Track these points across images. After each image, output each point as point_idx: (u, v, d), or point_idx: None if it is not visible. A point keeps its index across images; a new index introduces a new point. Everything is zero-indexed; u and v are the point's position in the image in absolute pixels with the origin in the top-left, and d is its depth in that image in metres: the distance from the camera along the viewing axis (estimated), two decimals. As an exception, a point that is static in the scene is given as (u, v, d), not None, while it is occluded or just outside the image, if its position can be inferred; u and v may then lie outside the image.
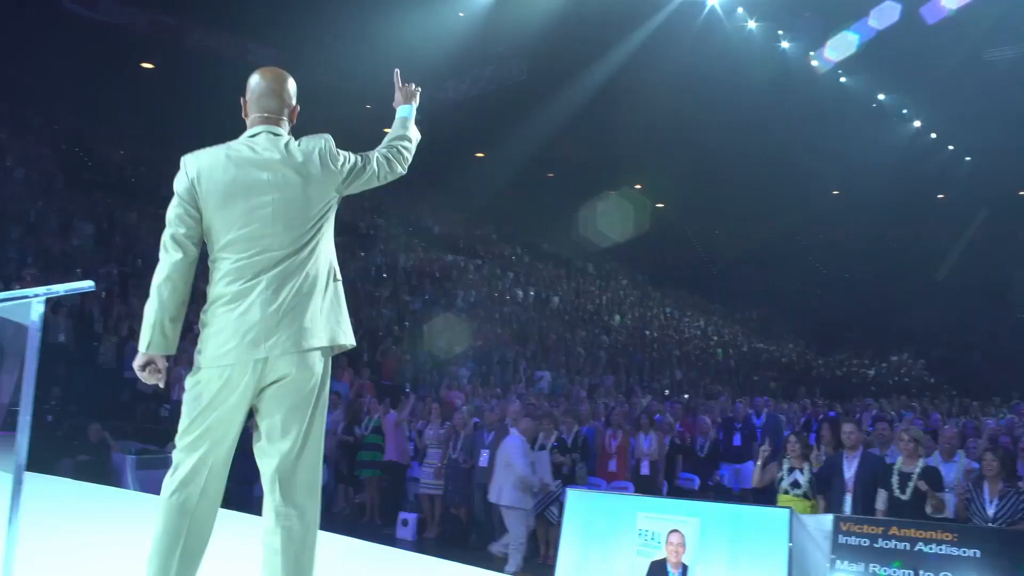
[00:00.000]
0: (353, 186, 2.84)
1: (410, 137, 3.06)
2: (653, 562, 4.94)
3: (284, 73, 2.92)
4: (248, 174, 2.69)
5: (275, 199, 2.67)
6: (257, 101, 2.85)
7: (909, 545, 4.56)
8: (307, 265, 2.69)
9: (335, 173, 2.76)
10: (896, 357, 30.24)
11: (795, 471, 6.78)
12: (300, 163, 2.73)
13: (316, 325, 2.67)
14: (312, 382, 2.68)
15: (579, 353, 20.83)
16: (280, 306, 2.63)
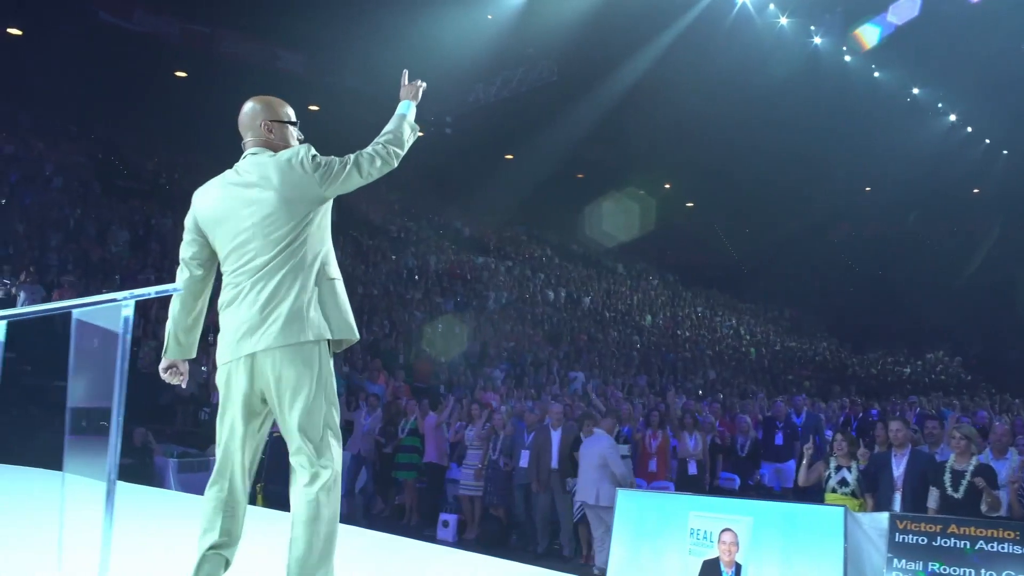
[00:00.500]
0: (334, 187, 2.95)
1: (399, 133, 3.14)
2: (706, 561, 4.91)
3: (254, 100, 3.11)
4: (231, 194, 2.97)
5: (253, 211, 2.91)
6: (241, 131, 3.13)
7: (969, 544, 4.49)
8: (289, 266, 2.89)
9: (309, 178, 2.91)
10: (931, 355, 29.85)
11: (843, 469, 6.72)
12: (275, 175, 2.92)
13: (298, 321, 2.84)
14: (303, 376, 2.84)
15: (612, 353, 20.77)
16: (263, 305, 2.86)
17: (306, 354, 2.86)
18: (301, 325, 2.85)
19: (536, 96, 23.87)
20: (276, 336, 2.84)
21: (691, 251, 35.19)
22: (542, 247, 31.00)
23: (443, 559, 4.80)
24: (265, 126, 3.05)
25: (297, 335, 2.84)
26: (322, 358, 2.89)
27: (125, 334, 2.20)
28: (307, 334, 2.85)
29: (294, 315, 2.85)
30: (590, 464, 8.20)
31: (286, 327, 2.84)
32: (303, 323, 2.85)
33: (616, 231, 31.97)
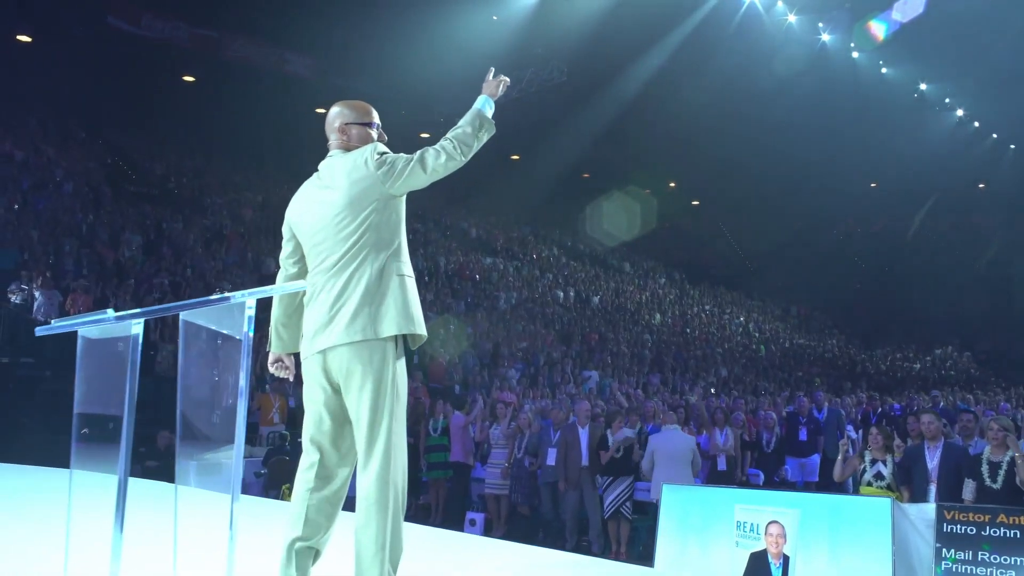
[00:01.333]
0: (398, 184, 2.99)
1: (469, 129, 3.13)
2: (753, 554, 4.95)
3: (337, 103, 3.20)
4: (311, 196, 3.10)
5: (325, 212, 3.00)
6: (326, 134, 3.20)
7: (1019, 533, 4.53)
8: (356, 263, 2.95)
9: (372, 176, 2.96)
10: (940, 350, 29.87)
11: (877, 463, 6.73)
12: (342, 175, 3.01)
13: (361, 318, 2.90)
14: (367, 372, 2.89)
15: (623, 352, 20.82)
16: (332, 303, 2.93)
17: (370, 350, 2.90)
18: (364, 322, 2.90)
19: (545, 96, 23.90)
20: (341, 334, 2.90)
21: (697, 249, 35.23)
22: (549, 247, 31.05)
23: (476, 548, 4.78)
24: (342, 129, 3.12)
25: (360, 332, 2.89)
26: (387, 354, 2.92)
27: (247, 338, 2.17)
28: (369, 331, 2.89)
29: (358, 312, 2.90)
30: (664, 461, 8.27)
31: (350, 324, 2.89)
32: (366, 320, 2.90)
33: (622, 231, 31.98)
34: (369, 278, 2.93)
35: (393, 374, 2.94)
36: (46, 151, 22.13)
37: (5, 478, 6.55)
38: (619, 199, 31.68)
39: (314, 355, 2.97)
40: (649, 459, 8.47)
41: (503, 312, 21.64)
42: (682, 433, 8.64)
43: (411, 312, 2.98)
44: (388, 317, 2.92)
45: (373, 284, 2.93)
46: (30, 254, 15.83)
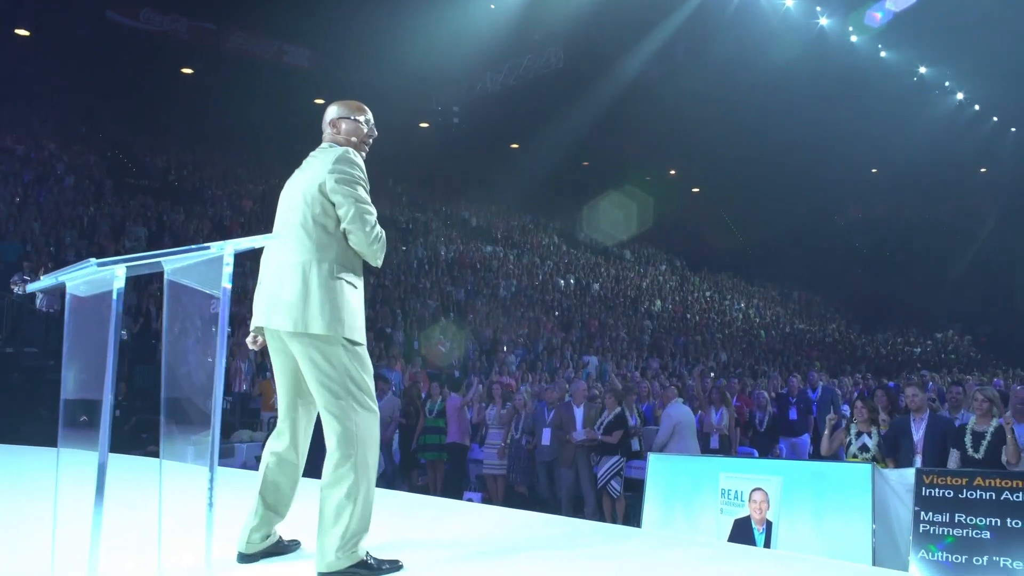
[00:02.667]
0: (336, 199, 3.05)
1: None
2: (737, 520, 5.05)
3: (332, 103, 3.35)
4: (292, 179, 3.24)
5: (291, 195, 3.15)
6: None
7: (995, 495, 4.62)
8: (301, 254, 3.02)
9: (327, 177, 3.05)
10: (941, 334, 29.91)
11: (863, 435, 6.82)
12: (315, 167, 3.13)
13: (297, 311, 2.96)
14: (314, 362, 2.98)
15: (622, 338, 20.92)
16: (278, 286, 3.02)
17: (310, 340, 2.99)
18: (297, 315, 2.97)
19: (543, 83, 23.96)
20: (281, 320, 3.00)
21: (698, 237, 35.26)
22: (549, 235, 31.13)
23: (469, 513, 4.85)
24: (333, 123, 3.28)
25: (292, 324, 2.98)
26: (329, 344, 2.98)
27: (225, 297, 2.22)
28: (300, 324, 2.97)
29: (294, 303, 2.98)
30: (677, 436, 8.52)
31: (287, 313, 2.98)
32: (298, 313, 2.97)
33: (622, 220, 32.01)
34: (308, 271, 2.99)
35: (341, 361, 2.99)
36: (47, 145, 22.25)
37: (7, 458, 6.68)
38: (620, 187, 31.67)
39: (269, 328, 3.10)
40: (668, 432, 8.62)
41: (503, 300, 21.74)
42: (687, 407, 8.81)
43: (343, 316, 3.00)
44: (321, 315, 2.96)
45: (310, 278, 2.98)
46: (32, 246, 15.96)
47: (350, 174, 3.05)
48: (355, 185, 3.05)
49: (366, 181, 3.11)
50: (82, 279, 2.25)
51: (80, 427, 2.39)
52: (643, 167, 32.57)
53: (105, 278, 2.15)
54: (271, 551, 3.17)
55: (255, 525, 3.13)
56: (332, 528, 2.91)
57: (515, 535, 3.90)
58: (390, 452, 11.55)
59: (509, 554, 3.50)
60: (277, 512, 3.17)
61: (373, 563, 2.96)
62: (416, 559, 3.22)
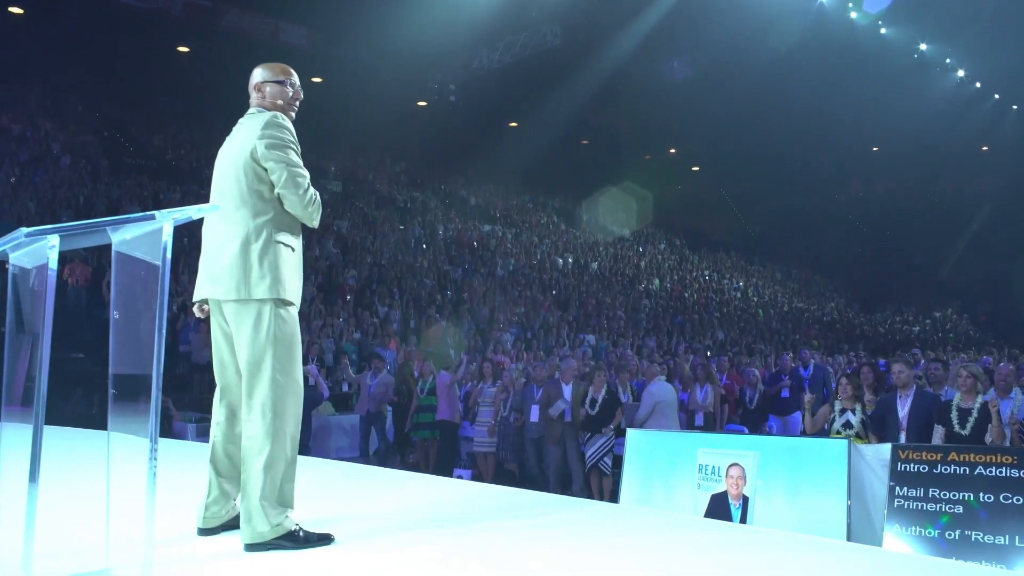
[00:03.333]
0: (269, 165, 3.06)
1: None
2: (714, 495, 5.06)
3: (256, 67, 3.30)
4: (224, 147, 3.23)
5: (223, 163, 3.16)
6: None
7: (968, 470, 4.62)
8: (235, 221, 3.02)
9: (257, 143, 3.05)
10: (940, 313, 29.88)
11: (847, 412, 6.81)
12: (245, 132, 3.12)
13: (237, 277, 2.97)
14: (246, 330, 2.99)
15: (619, 317, 20.92)
16: (215, 254, 3.04)
17: (247, 308, 3.01)
18: (238, 281, 2.99)
19: (540, 61, 23.73)
20: (220, 288, 3.02)
21: (697, 215, 35.16)
22: (548, 214, 31.07)
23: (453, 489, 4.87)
24: (258, 87, 3.25)
25: (235, 291, 2.99)
26: (263, 312, 3.00)
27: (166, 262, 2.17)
28: (243, 291, 2.99)
29: (232, 269, 2.99)
30: (669, 407, 8.67)
31: (227, 280, 3.00)
32: (240, 279, 2.99)
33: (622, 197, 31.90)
34: (245, 237, 3.00)
35: (272, 329, 3.00)
36: (43, 125, 22.18)
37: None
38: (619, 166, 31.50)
39: (212, 299, 3.11)
40: (649, 409, 8.64)
41: (501, 279, 21.73)
42: (670, 385, 8.83)
43: (282, 277, 3.02)
44: (261, 279, 2.98)
45: (249, 244, 2.99)
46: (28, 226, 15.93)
47: (279, 138, 3.05)
48: (285, 149, 3.06)
49: (296, 144, 3.11)
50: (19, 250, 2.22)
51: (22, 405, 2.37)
52: (642, 146, 32.39)
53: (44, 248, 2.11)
54: (231, 524, 3.16)
55: (212, 499, 3.14)
56: (254, 499, 2.90)
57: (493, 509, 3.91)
58: (383, 430, 11.60)
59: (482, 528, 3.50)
60: (232, 485, 3.16)
61: (302, 535, 2.94)
62: (352, 532, 3.23)
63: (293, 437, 3.02)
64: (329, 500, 3.83)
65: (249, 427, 2.97)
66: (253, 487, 2.92)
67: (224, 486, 3.15)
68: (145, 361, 2.38)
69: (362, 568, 2.81)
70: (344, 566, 2.82)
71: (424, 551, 3.01)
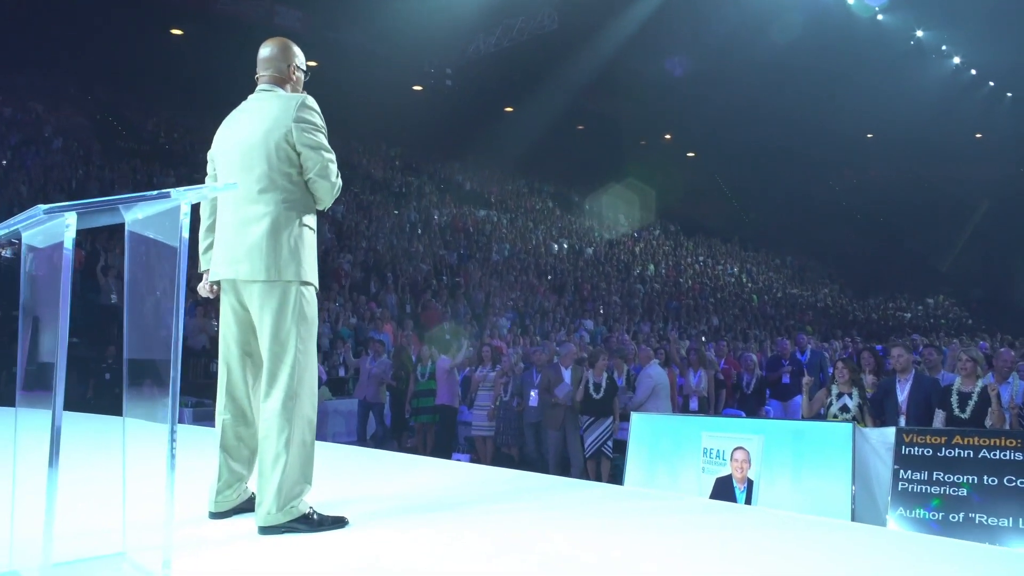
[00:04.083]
0: (302, 148, 3.01)
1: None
2: (719, 478, 5.07)
3: (275, 40, 3.25)
4: (234, 123, 3.15)
5: (241, 141, 3.06)
6: (259, 67, 3.23)
7: (972, 453, 4.64)
8: (262, 202, 2.98)
9: (291, 127, 3.00)
10: (933, 299, 30.00)
11: (844, 396, 6.81)
12: (268, 112, 3.05)
13: (267, 258, 2.94)
14: (272, 311, 2.95)
15: (615, 302, 20.94)
16: (238, 234, 2.99)
17: (273, 289, 2.97)
18: (268, 262, 2.95)
19: (536, 45, 23.64)
20: (246, 269, 2.97)
21: (693, 201, 35.15)
22: (543, 199, 31.03)
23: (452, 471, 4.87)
24: (292, 69, 3.22)
25: (264, 272, 2.95)
26: (288, 293, 2.97)
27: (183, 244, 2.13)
28: (273, 272, 2.95)
29: (261, 250, 2.96)
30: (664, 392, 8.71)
31: (255, 261, 2.96)
32: (270, 260, 2.95)
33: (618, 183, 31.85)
34: (275, 219, 2.97)
35: (298, 310, 2.98)
36: (35, 107, 22.01)
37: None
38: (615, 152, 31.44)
39: (227, 280, 3.06)
40: (647, 392, 8.67)
41: (496, 264, 21.71)
42: (663, 370, 8.86)
43: (306, 260, 3.02)
44: (291, 261, 2.96)
45: (279, 227, 2.97)
46: (20, 210, 15.82)
47: (315, 124, 3.05)
48: (319, 134, 3.05)
49: (326, 128, 3.10)
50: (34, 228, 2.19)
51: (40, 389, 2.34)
52: (638, 131, 32.36)
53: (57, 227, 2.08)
54: (243, 507, 3.15)
55: (223, 483, 3.12)
56: (270, 481, 2.87)
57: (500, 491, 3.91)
58: (381, 414, 11.60)
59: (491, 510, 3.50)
60: (243, 468, 3.15)
61: (316, 518, 2.93)
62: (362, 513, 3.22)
63: (310, 419, 3.00)
64: (334, 483, 3.82)
65: (268, 408, 2.94)
66: (269, 469, 2.89)
67: (236, 469, 3.13)
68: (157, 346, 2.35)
69: (375, 549, 2.80)
70: (357, 548, 2.82)
71: (432, 533, 3.01)
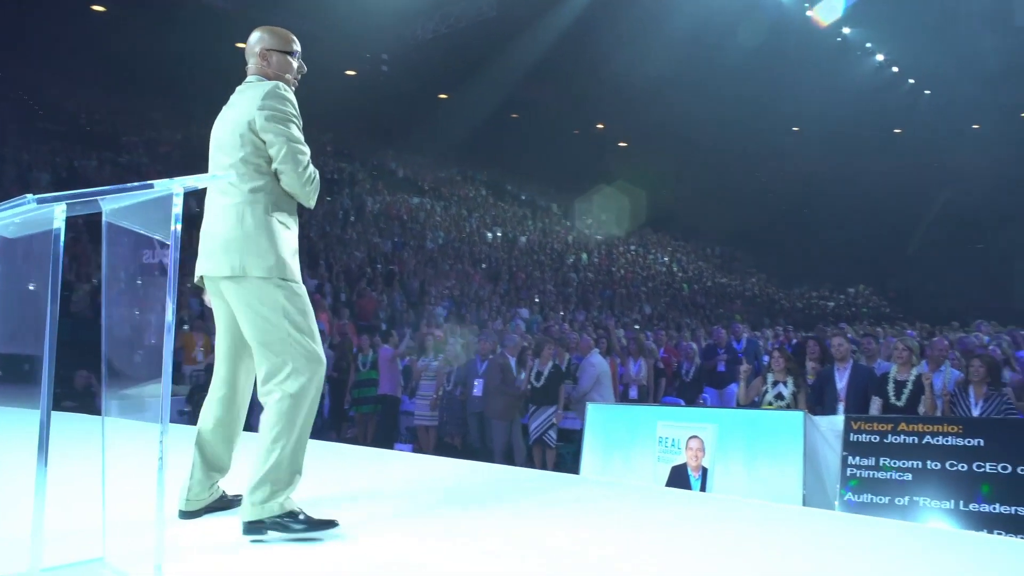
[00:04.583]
0: (267, 137, 2.89)
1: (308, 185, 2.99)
2: (674, 467, 5.16)
3: (260, 28, 3.11)
4: (222, 116, 3.04)
5: (221, 135, 2.97)
6: (246, 58, 3.12)
7: (917, 439, 4.82)
8: (233, 194, 2.87)
9: (258, 114, 2.87)
10: (854, 288, 31.03)
11: (779, 384, 7.00)
12: (246, 102, 2.92)
13: (234, 254, 2.82)
14: (251, 307, 2.85)
15: (550, 291, 21.08)
16: (211, 229, 2.90)
17: (247, 285, 2.86)
18: (235, 258, 2.84)
19: (474, 32, 23.49)
20: (216, 265, 2.88)
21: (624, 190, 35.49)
22: (476, 188, 31.00)
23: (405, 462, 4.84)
24: (262, 54, 3.05)
25: (229, 268, 2.85)
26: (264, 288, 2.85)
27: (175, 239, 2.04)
28: (237, 268, 2.84)
29: (229, 246, 2.85)
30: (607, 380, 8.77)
31: (223, 257, 2.85)
32: (237, 256, 2.84)
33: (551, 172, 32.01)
34: (239, 212, 2.85)
35: (272, 306, 2.84)
36: (-55, 84, 20.99)
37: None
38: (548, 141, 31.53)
39: (206, 277, 2.97)
40: (591, 381, 8.75)
41: (431, 252, 21.61)
42: (605, 359, 8.95)
43: (280, 256, 2.86)
44: (257, 257, 2.83)
45: (243, 219, 2.84)
46: (-69, 195, 15.09)
47: (281, 111, 2.89)
48: (287, 122, 2.89)
49: (298, 117, 2.95)
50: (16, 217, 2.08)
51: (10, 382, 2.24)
52: (571, 120, 32.51)
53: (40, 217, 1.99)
54: (213, 506, 3.07)
55: (195, 481, 3.03)
56: (258, 476, 2.78)
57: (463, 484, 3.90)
58: (321, 405, 11.45)
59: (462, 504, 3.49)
60: (218, 468, 3.07)
61: (303, 518, 2.80)
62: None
63: (305, 415, 2.86)
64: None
65: (263, 402, 2.86)
66: (257, 464, 2.80)
67: (209, 471, 3.05)
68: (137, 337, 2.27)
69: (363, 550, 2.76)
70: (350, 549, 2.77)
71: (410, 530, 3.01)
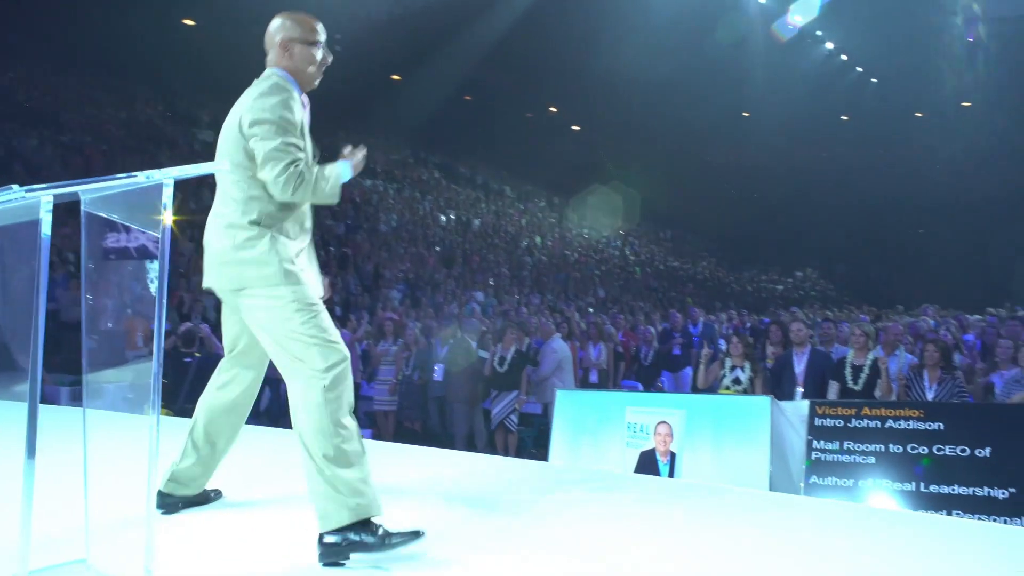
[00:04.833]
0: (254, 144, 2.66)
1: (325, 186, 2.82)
2: (643, 452, 5.19)
3: (279, 15, 2.85)
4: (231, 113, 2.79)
5: (223, 134, 2.76)
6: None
7: (880, 423, 4.93)
8: (226, 201, 2.70)
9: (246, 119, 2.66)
10: (802, 272, 31.64)
11: (736, 369, 7.09)
12: (248, 99, 2.71)
13: (230, 266, 2.67)
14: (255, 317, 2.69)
15: (504, 274, 21.08)
16: (210, 235, 2.74)
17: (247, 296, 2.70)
18: (232, 271, 2.69)
19: (430, 13, 23.25)
20: (214, 278, 2.75)
21: (576, 173, 35.60)
22: (429, 170, 30.78)
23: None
24: (284, 45, 2.79)
25: (228, 281, 2.72)
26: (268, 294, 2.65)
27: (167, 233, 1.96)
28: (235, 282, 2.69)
29: (224, 256, 2.69)
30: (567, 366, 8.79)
31: (220, 270, 2.72)
32: (233, 268, 2.68)
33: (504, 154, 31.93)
34: (230, 221, 2.67)
35: (273, 314, 2.63)
36: None
37: None
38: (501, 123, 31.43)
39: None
40: (553, 366, 8.77)
41: (385, 235, 21.42)
42: (566, 343, 8.99)
43: (281, 264, 2.65)
44: (256, 268, 2.64)
45: (233, 229, 2.66)
46: None
47: (268, 107, 2.62)
48: (270, 124, 2.61)
49: (291, 113, 2.66)
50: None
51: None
52: (524, 103, 32.44)
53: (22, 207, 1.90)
54: (193, 501, 2.99)
55: (184, 466, 2.95)
56: (320, 484, 2.51)
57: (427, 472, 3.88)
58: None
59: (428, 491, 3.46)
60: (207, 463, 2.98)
61: (382, 531, 2.51)
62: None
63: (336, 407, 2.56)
64: (241, 464, 3.53)
65: (294, 410, 2.59)
66: (312, 473, 2.54)
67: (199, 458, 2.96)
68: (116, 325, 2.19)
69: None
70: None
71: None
